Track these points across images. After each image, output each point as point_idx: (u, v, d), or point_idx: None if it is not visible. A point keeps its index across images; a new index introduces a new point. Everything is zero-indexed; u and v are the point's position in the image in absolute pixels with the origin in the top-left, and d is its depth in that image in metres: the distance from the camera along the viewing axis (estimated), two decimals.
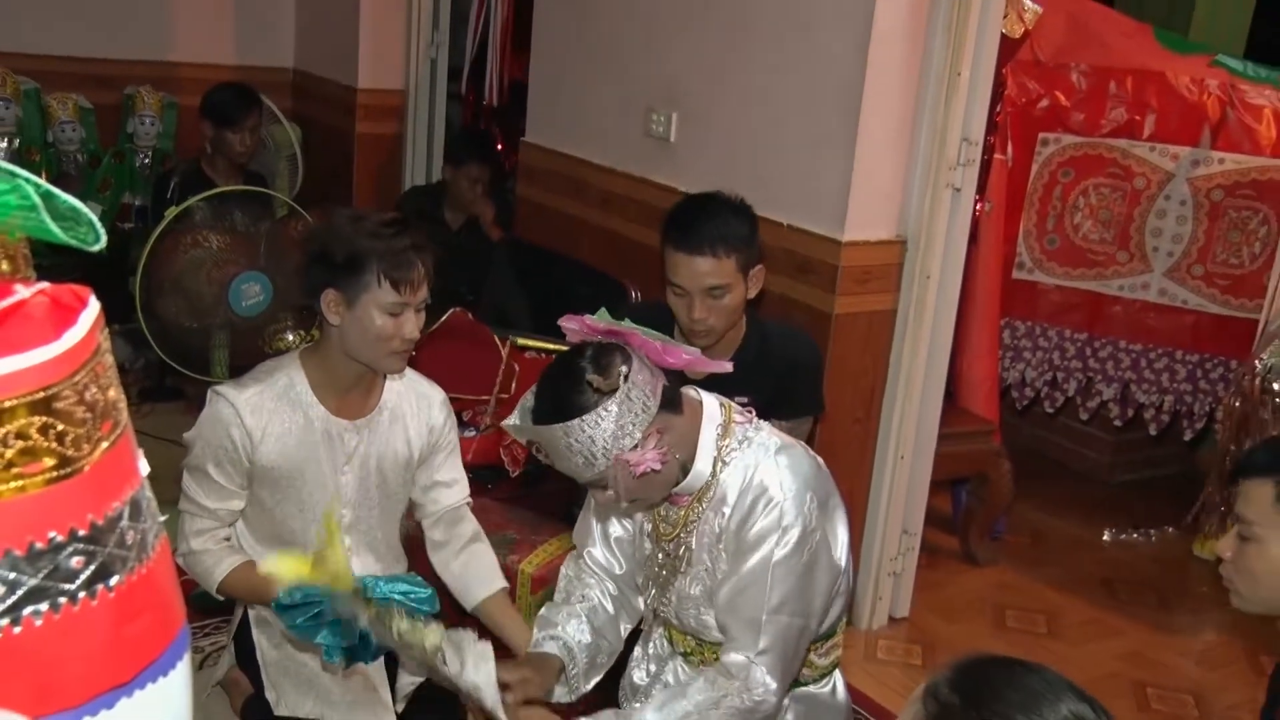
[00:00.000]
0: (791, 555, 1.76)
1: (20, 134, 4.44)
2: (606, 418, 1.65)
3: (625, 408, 1.66)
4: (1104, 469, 4.39)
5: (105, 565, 0.65)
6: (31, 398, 0.62)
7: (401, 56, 4.85)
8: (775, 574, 1.75)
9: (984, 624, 3.31)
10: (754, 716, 1.76)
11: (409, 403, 2.23)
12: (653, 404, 1.69)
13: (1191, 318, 3.87)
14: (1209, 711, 2.98)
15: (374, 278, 2.00)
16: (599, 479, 1.71)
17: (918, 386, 3.05)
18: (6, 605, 0.62)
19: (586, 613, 1.98)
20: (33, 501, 0.62)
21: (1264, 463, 1.64)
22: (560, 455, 1.70)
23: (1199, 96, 3.79)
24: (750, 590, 1.76)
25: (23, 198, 0.67)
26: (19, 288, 0.64)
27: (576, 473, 1.73)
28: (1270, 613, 1.66)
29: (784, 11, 2.99)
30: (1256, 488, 1.62)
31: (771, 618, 1.75)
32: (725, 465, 1.82)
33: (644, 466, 1.67)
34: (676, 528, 1.89)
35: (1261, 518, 1.61)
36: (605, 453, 1.66)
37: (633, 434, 1.66)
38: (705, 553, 1.85)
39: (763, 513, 1.77)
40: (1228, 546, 1.67)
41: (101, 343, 0.66)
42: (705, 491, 1.84)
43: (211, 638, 2.76)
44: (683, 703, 1.75)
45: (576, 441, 1.66)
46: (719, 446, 1.82)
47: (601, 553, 2.04)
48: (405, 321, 2.04)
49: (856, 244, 2.89)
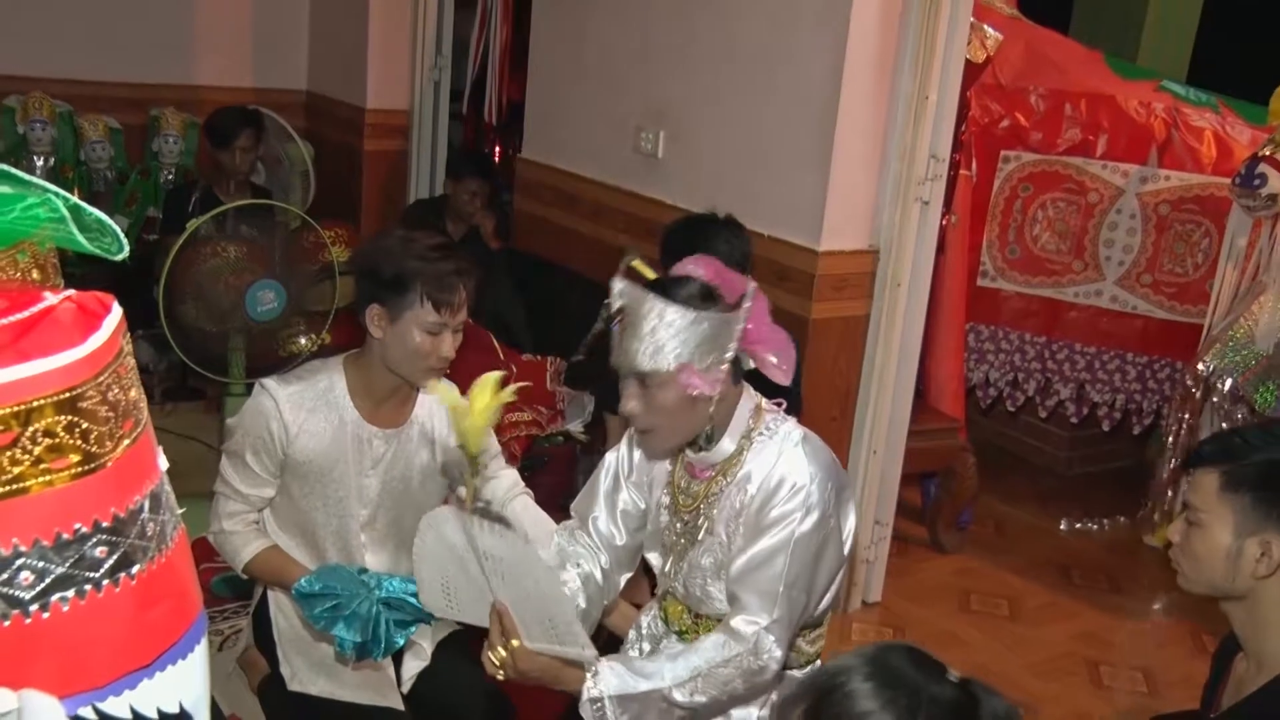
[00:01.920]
0: (811, 535, 1.74)
1: (56, 153, 4.49)
2: (703, 326, 1.63)
3: (719, 332, 1.64)
4: (1061, 463, 4.40)
5: (127, 555, 0.65)
6: (58, 397, 0.61)
7: (406, 79, 4.85)
8: (796, 550, 1.72)
9: (950, 607, 3.32)
10: (755, 680, 1.73)
11: (440, 419, 2.22)
12: (730, 350, 1.67)
13: (1141, 322, 3.89)
14: (1156, 687, 2.99)
15: (417, 297, 1.99)
16: (652, 374, 1.66)
17: (889, 387, 3.06)
18: (36, 592, 0.62)
19: (582, 579, 1.93)
20: (60, 495, 0.62)
21: (1210, 454, 1.66)
22: (639, 331, 1.64)
23: (1146, 119, 3.81)
24: (770, 564, 1.73)
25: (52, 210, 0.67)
26: (48, 295, 0.64)
27: (637, 356, 1.66)
28: (1213, 593, 1.67)
29: (765, 39, 2.99)
30: (1204, 476, 1.64)
31: (787, 591, 1.73)
32: (752, 446, 1.79)
33: (699, 388, 1.65)
34: (697, 500, 1.85)
35: (1206, 504, 1.62)
36: (678, 355, 1.63)
37: (708, 357, 1.64)
38: (723, 526, 1.81)
39: (788, 495, 1.74)
40: (1177, 531, 1.69)
41: (124, 346, 0.66)
42: (730, 467, 1.81)
43: (230, 621, 2.75)
44: (694, 657, 1.72)
45: (666, 326, 1.62)
46: (749, 428, 1.80)
47: (606, 523, 1.99)
48: (443, 341, 2.03)
49: (832, 253, 2.90)
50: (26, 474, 0.61)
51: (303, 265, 3.17)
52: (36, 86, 4.46)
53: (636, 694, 1.68)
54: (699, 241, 2.39)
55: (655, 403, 1.69)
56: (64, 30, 4.58)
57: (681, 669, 1.71)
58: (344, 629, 1.93)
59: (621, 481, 1.98)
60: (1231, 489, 1.60)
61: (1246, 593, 1.62)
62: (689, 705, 1.71)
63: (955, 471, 3.59)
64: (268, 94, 4.97)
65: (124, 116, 4.66)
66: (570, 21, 3.70)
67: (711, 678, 1.70)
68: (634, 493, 1.98)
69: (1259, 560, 1.58)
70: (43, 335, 0.62)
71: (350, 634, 1.93)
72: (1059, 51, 4.02)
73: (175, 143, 4.66)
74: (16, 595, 0.62)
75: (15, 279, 0.69)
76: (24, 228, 0.67)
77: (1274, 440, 1.63)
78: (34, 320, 0.62)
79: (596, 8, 3.56)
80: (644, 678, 1.69)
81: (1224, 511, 1.60)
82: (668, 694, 1.69)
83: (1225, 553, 1.60)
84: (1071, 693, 2.93)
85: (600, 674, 1.67)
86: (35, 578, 0.62)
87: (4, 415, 0.60)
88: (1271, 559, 1.58)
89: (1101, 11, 6.05)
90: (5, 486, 0.60)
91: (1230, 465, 1.61)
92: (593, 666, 1.68)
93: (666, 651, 1.81)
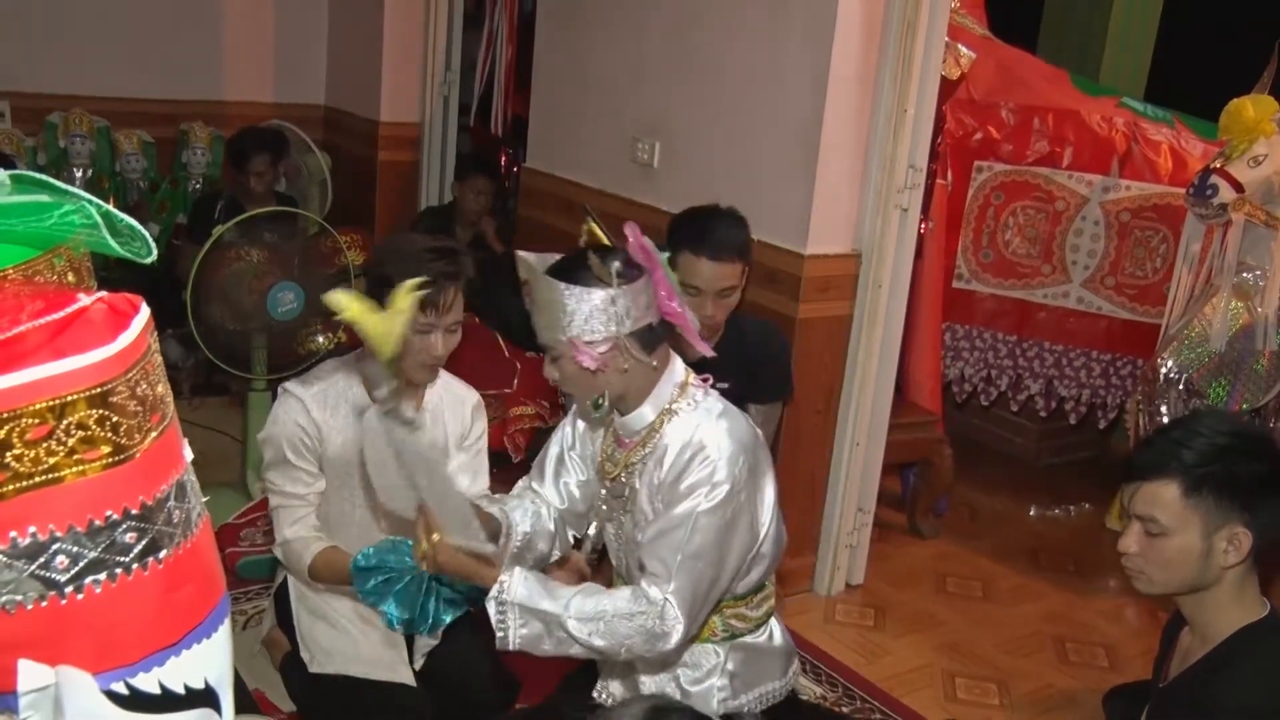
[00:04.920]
0: (716, 510, 1.67)
1: (93, 165, 4.52)
2: (588, 301, 1.62)
3: (605, 307, 1.62)
4: (1031, 453, 4.40)
5: (155, 540, 0.65)
6: (90, 392, 0.61)
7: (418, 93, 4.84)
8: (698, 523, 1.66)
9: (928, 590, 3.32)
10: (655, 645, 1.65)
11: (447, 404, 2.21)
12: (627, 324, 1.64)
13: (1105, 322, 3.89)
14: (1117, 661, 2.99)
15: None
16: (554, 346, 1.68)
17: (871, 382, 3.05)
18: (70, 575, 0.62)
19: (532, 512, 1.89)
20: (92, 484, 0.62)
21: (1153, 464, 1.61)
22: (542, 306, 1.66)
23: (1109, 132, 3.81)
24: (673, 533, 1.66)
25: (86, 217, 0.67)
26: (81, 296, 0.64)
27: (541, 331, 1.69)
28: (1174, 593, 1.65)
29: (754, 56, 2.99)
30: (1162, 489, 1.59)
31: (687, 561, 1.65)
32: (672, 419, 1.73)
33: (582, 360, 1.64)
34: (619, 468, 1.81)
35: (1170, 514, 1.58)
36: (567, 328, 1.63)
37: (596, 331, 1.63)
38: (647, 502, 1.76)
39: (697, 467, 1.68)
40: (1133, 543, 1.63)
41: (151, 344, 0.66)
42: (650, 437, 1.75)
43: (254, 601, 2.74)
44: (604, 600, 1.64)
45: (557, 301, 1.63)
46: (670, 401, 1.74)
47: (550, 489, 1.95)
48: (434, 340, 2.01)
49: (817, 257, 2.89)
50: (61, 464, 0.61)
51: (320, 268, 3.16)
52: (76, 104, 4.49)
53: (538, 610, 1.62)
54: (700, 229, 2.36)
55: (563, 371, 1.70)
56: (101, 52, 4.61)
57: (588, 606, 1.63)
58: (392, 605, 1.89)
59: (565, 452, 1.96)
60: (1194, 494, 1.57)
61: (1213, 584, 1.61)
62: (584, 643, 1.63)
63: (933, 462, 3.59)
64: (288, 108, 4.98)
65: (156, 131, 4.68)
66: (572, 40, 3.70)
67: (612, 627, 1.63)
68: (577, 464, 1.95)
69: (1226, 552, 1.58)
70: (76, 334, 0.62)
71: (398, 610, 1.89)
72: (1027, 69, 4.02)
73: (203, 155, 4.68)
74: (53, 578, 0.62)
75: (52, 281, 0.69)
76: (60, 233, 0.67)
77: (1194, 435, 1.59)
78: (69, 320, 0.62)
79: (596, 28, 3.56)
80: (549, 598, 1.63)
81: (1191, 517, 1.57)
82: (564, 622, 1.62)
83: (1197, 553, 1.58)
84: (1040, 668, 2.93)
85: (512, 581, 1.63)
86: (70, 561, 0.62)
87: (40, 409, 0.60)
88: (1240, 548, 1.57)
89: (1066, 33, 6.07)
90: (42, 476, 0.60)
91: (1183, 472, 1.57)
92: (506, 571, 1.64)
93: (586, 588, 1.71)
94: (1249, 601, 1.62)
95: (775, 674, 1.95)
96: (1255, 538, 1.57)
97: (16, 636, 0.62)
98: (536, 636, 1.63)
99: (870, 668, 2.83)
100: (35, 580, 0.61)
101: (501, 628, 1.62)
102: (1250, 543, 1.57)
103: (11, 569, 0.61)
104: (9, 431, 0.59)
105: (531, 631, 1.63)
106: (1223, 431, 1.59)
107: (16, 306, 0.61)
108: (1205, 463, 1.57)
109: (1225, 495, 1.56)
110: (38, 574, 0.61)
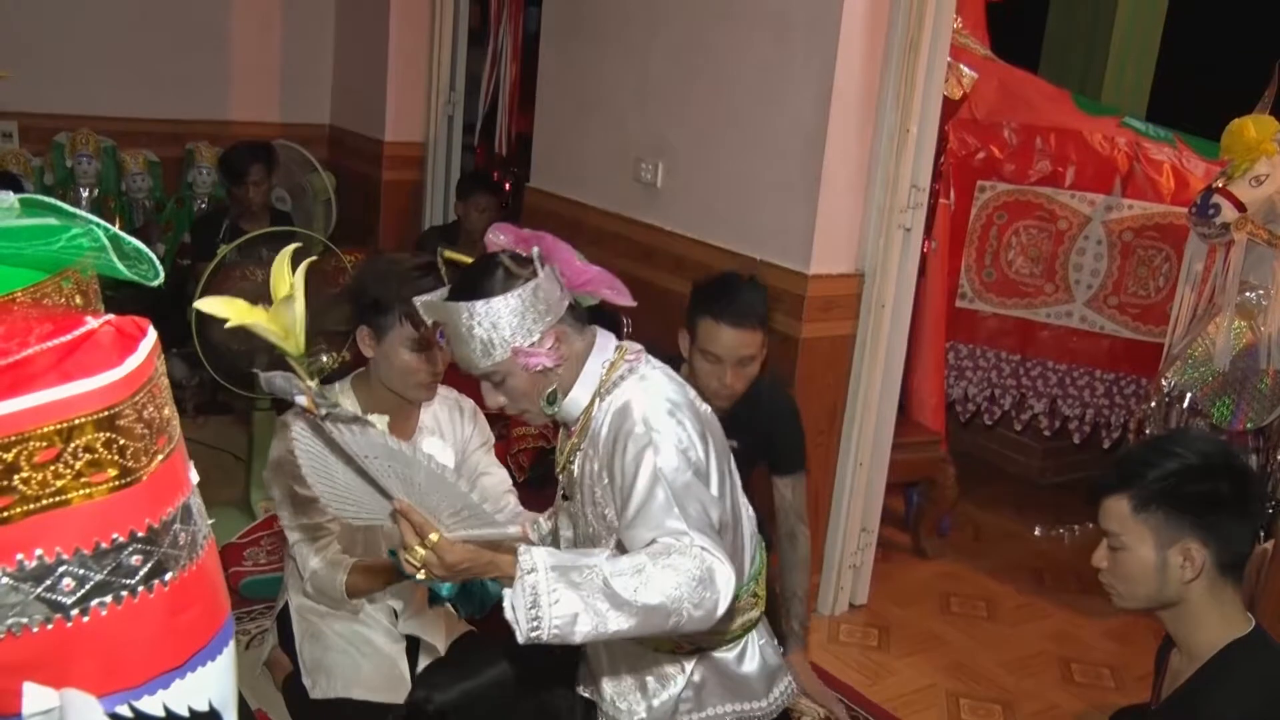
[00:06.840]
0: (670, 454, 1.50)
1: (99, 184, 4.54)
2: (512, 305, 1.50)
3: (531, 302, 1.51)
4: (1035, 473, 4.39)
5: (161, 563, 0.65)
6: (98, 415, 0.62)
7: (422, 113, 4.87)
8: (664, 476, 1.48)
9: (932, 609, 3.30)
10: (704, 595, 1.36)
11: (444, 419, 2.21)
12: (557, 308, 1.54)
13: (1108, 341, 3.89)
14: (1122, 682, 2.98)
15: (396, 317, 1.98)
16: (494, 371, 1.55)
17: (874, 402, 3.05)
18: (77, 597, 0.62)
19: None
20: (99, 507, 0.62)
21: (1112, 482, 1.65)
22: (462, 339, 1.52)
23: (1111, 152, 3.82)
24: (650, 501, 1.47)
25: (94, 240, 0.67)
26: (89, 319, 0.64)
27: (474, 361, 1.53)
28: (1150, 606, 1.67)
29: (757, 77, 3.00)
30: (1114, 503, 1.63)
31: (685, 508, 1.46)
32: (603, 401, 1.61)
33: (537, 362, 1.52)
34: (564, 456, 1.69)
35: (1124, 528, 1.62)
36: (504, 342, 1.51)
37: (533, 329, 1.52)
38: (589, 493, 1.64)
39: (632, 435, 1.53)
40: (1102, 558, 1.68)
41: (158, 367, 0.66)
42: (587, 422, 1.63)
43: (257, 621, 2.74)
44: (636, 556, 1.39)
45: (479, 325, 1.50)
46: (601, 380, 1.61)
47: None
48: (431, 357, 2.01)
49: (820, 277, 2.90)
50: (68, 487, 0.61)
51: (324, 288, 3.17)
52: (83, 124, 4.52)
53: (574, 568, 1.33)
54: (722, 295, 2.33)
55: (512, 391, 1.58)
56: (107, 73, 4.64)
57: (623, 563, 1.36)
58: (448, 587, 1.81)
59: None
60: (1142, 509, 1.60)
61: (1179, 599, 1.62)
62: (630, 603, 1.33)
63: (936, 481, 3.58)
64: (294, 128, 5.01)
65: (162, 150, 4.72)
66: (575, 60, 3.72)
67: (655, 579, 1.34)
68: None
69: (1183, 567, 1.60)
70: (84, 357, 0.62)
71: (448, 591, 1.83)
72: (1029, 89, 4.04)
73: (208, 174, 4.71)
74: (59, 600, 0.62)
75: (60, 304, 0.69)
76: (69, 256, 0.67)
77: (1165, 455, 1.62)
78: (77, 343, 0.62)
79: (600, 47, 3.58)
80: (583, 555, 1.39)
81: (1142, 531, 1.61)
82: (608, 580, 1.33)
83: (1153, 567, 1.61)
84: (1045, 689, 2.92)
85: (534, 550, 1.35)
86: (76, 584, 0.62)
87: (48, 432, 0.60)
88: (1194, 563, 1.59)
89: (1068, 53, 6.10)
90: (49, 499, 0.61)
91: (1135, 488, 1.61)
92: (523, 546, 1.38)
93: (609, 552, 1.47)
94: (1231, 617, 1.63)
95: (753, 694, 1.85)
96: (1214, 554, 1.58)
97: (22, 659, 0.62)
98: (571, 616, 1.32)
99: (874, 688, 2.82)
100: (41, 603, 0.61)
101: (533, 608, 1.31)
102: (1205, 559, 1.58)
103: (18, 591, 0.61)
104: (17, 455, 0.60)
105: (567, 607, 1.31)
106: (1195, 451, 1.61)
107: (25, 329, 0.62)
108: (1160, 480, 1.59)
109: (1175, 511, 1.58)
110: (44, 596, 0.61)
